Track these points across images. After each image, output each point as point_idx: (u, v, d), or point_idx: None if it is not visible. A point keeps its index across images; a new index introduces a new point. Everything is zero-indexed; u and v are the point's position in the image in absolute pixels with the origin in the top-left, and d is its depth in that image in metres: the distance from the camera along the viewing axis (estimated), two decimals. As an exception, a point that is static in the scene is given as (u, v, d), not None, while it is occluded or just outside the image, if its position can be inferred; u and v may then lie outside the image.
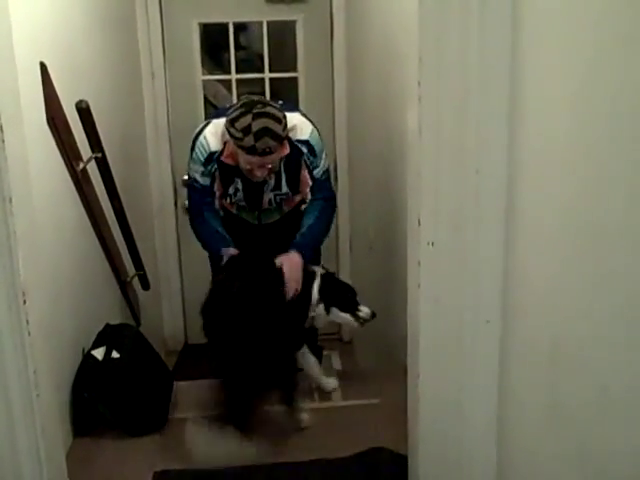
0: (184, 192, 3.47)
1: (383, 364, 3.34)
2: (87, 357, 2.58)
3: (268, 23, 4.31)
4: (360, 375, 3.13)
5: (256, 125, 2.52)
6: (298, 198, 3.06)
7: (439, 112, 1.67)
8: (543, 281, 1.51)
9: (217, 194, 2.91)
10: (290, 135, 2.75)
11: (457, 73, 1.64)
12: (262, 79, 4.36)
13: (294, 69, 4.43)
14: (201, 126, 2.83)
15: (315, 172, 2.91)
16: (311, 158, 2.87)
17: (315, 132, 2.91)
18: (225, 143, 2.71)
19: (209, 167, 2.78)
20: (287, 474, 2.31)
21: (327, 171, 2.98)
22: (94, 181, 2.96)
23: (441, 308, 1.78)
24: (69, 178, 2.70)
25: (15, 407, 1.75)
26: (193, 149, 2.79)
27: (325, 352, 4.14)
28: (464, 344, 1.80)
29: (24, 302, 1.71)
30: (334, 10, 4.28)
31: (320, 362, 3.17)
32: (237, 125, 2.54)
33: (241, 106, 2.59)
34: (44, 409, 1.80)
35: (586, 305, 1.31)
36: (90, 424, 2.54)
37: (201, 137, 2.76)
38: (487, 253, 1.72)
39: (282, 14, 4.31)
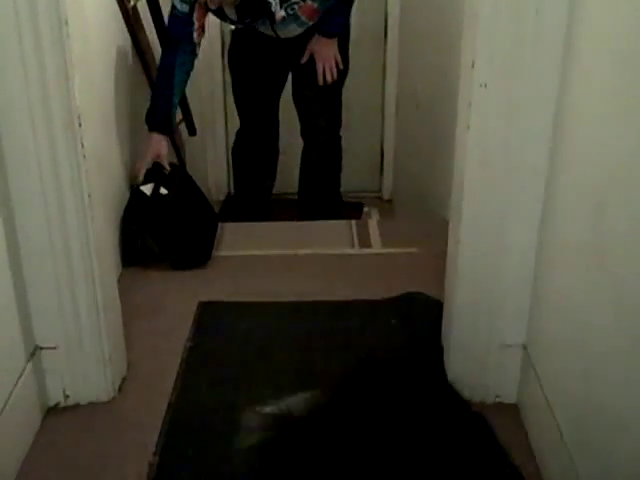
0: (228, 40, 3.41)
1: (423, 221, 3.38)
2: (136, 192, 2.65)
3: None
4: (400, 229, 3.16)
5: None
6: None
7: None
8: (594, 136, 1.50)
9: (197, 26, 2.66)
10: None
11: None
12: None
13: None
14: None
15: None
16: None
17: None
18: None
19: None
20: (326, 311, 2.39)
21: None
22: (144, 20, 2.94)
23: (489, 153, 1.78)
24: (119, 14, 2.69)
25: (71, 230, 1.82)
26: None
27: (365, 209, 4.21)
28: (509, 191, 1.80)
29: (79, 125, 1.75)
30: None
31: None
32: None
33: None
34: (97, 232, 1.87)
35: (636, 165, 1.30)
36: (138, 256, 2.64)
37: None
38: (540, 98, 1.70)
39: None
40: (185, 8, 2.60)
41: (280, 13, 2.63)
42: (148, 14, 3.00)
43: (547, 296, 1.78)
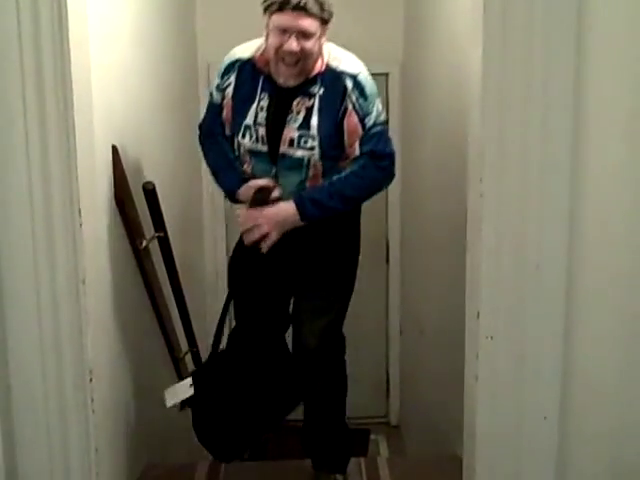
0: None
1: (433, 451, 3.30)
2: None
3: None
4: (409, 463, 3.08)
5: None
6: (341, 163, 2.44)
7: (500, 208, 1.71)
8: (604, 382, 1.51)
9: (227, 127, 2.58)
10: (333, 64, 2.39)
11: (519, 168, 1.68)
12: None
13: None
14: None
15: (366, 120, 2.37)
16: (360, 100, 2.36)
17: (368, 74, 2.41)
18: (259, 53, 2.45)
19: (225, 79, 2.50)
20: None
21: (384, 124, 2.44)
22: (154, 258, 3.03)
23: (498, 402, 1.78)
24: (132, 255, 2.77)
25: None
26: None
27: (372, 436, 4.12)
28: (521, 440, 1.79)
29: (90, 380, 1.76)
30: (390, 108, 4.34)
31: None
32: None
33: None
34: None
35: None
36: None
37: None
38: (547, 349, 1.73)
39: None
40: (218, 98, 2.57)
41: (294, 129, 2.42)
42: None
43: None
